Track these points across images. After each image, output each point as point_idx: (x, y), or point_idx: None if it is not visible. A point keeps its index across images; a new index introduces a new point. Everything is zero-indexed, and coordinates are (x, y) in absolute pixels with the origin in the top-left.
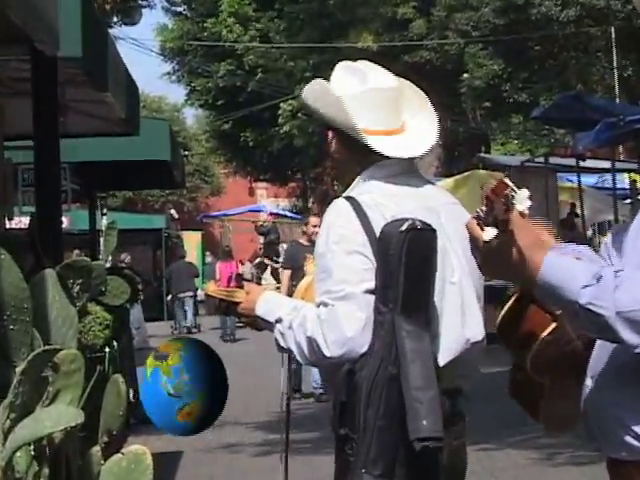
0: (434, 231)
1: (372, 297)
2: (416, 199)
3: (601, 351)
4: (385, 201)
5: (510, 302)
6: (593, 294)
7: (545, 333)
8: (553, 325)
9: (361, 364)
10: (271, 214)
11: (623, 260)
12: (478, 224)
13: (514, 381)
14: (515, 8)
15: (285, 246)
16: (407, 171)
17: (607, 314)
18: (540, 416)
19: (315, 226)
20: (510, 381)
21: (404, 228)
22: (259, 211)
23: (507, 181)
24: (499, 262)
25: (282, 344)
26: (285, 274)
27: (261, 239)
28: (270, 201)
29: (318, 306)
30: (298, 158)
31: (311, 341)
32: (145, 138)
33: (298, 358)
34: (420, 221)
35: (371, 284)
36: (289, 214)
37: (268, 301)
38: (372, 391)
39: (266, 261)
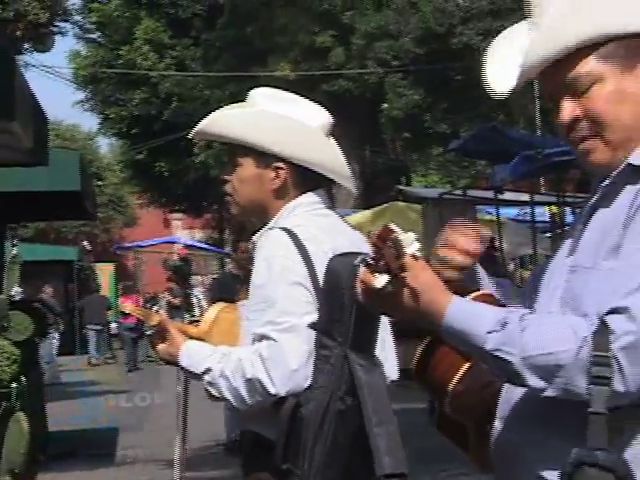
0: None
1: (313, 330)
2: (342, 234)
3: (509, 393)
4: (319, 234)
5: (424, 344)
6: (499, 340)
7: (458, 375)
8: (466, 366)
9: (306, 398)
10: (186, 246)
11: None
12: (370, 272)
13: (440, 415)
14: (435, 37)
15: (200, 278)
16: (329, 204)
17: (513, 360)
18: (469, 454)
19: (244, 252)
20: (437, 415)
21: (357, 262)
22: (174, 243)
23: (392, 226)
24: (397, 308)
25: (215, 393)
26: (214, 307)
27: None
28: (185, 233)
29: (260, 339)
30: (214, 189)
31: (252, 383)
32: (55, 168)
33: (235, 404)
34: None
35: (313, 317)
36: (204, 246)
37: (192, 353)
38: (321, 426)
39: (166, 294)
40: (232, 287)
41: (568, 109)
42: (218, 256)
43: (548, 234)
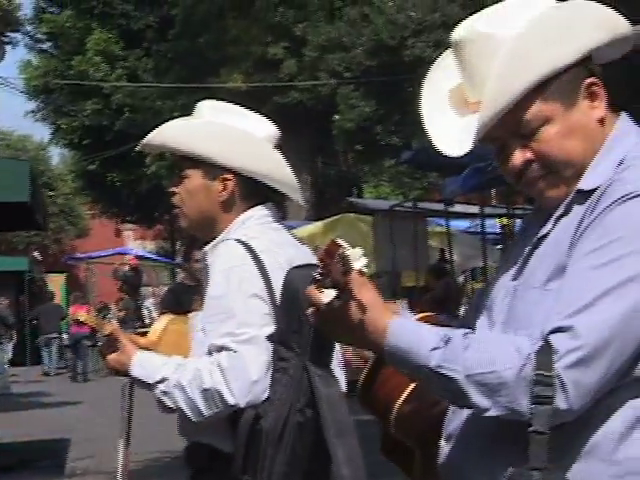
0: None
1: (270, 342)
2: (294, 246)
3: (455, 412)
4: (273, 246)
5: (368, 365)
6: (442, 357)
7: (404, 395)
8: (412, 386)
9: (264, 409)
10: (137, 257)
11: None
12: (317, 287)
13: (385, 438)
14: (387, 49)
15: (151, 289)
16: (278, 218)
17: (457, 377)
18: (414, 477)
19: (197, 262)
20: (381, 438)
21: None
22: (125, 253)
23: (339, 241)
24: (342, 325)
25: (169, 404)
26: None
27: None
28: (137, 243)
29: (219, 350)
30: (165, 200)
31: (210, 393)
32: (3, 179)
33: (190, 415)
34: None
35: (271, 328)
36: (155, 257)
37: (144, 363)
38: (281, 438)
39: (113, 306)
40: (185, 297)
41: (518, 154)
42: (169, 267)
43: (499, 246)
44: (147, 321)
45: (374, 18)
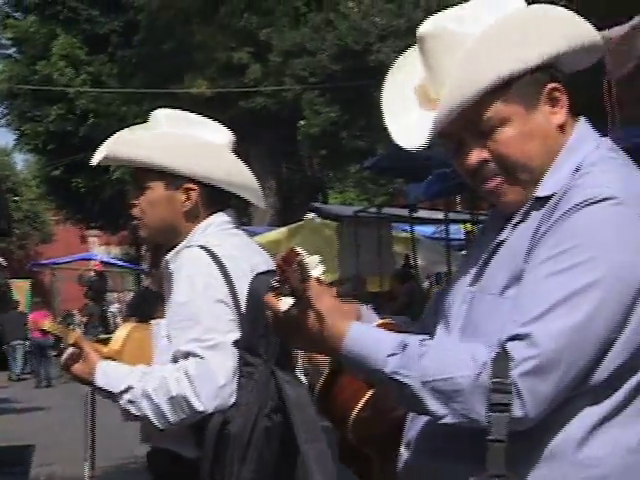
0: None
1: (236, 347)
2: (256, 252)
3: (415, 418)
4: (235, 253)
5: (325, 373)
6: (398, 363)
7: (362, 402)
8: (370, 393)
9: (232, 415)
10: (102, 262)
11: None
12: (275, 295)
13: (343, 445)
14: (352, 54)
15: (116, 295)
16: (238, 224)
17: (412, 383)
18: None
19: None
20: (339, 446)
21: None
22: (90, 259)
23: (297, 249)
24: (300, 332)
25: (134, 412)
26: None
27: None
28: (102, 249)
29: (185, 356)
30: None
31: (177, 400)
32: None
33: (156, 423)
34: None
35: (237, 334)
36: (120, 263)
37: (108, 372)
38: (248, 443)
39: (76, 312)
40: (151, 304)
41: (475, 153)
42: (134, 272)
43: (463, 251)
44: (112, 327)
45: (339, 24)
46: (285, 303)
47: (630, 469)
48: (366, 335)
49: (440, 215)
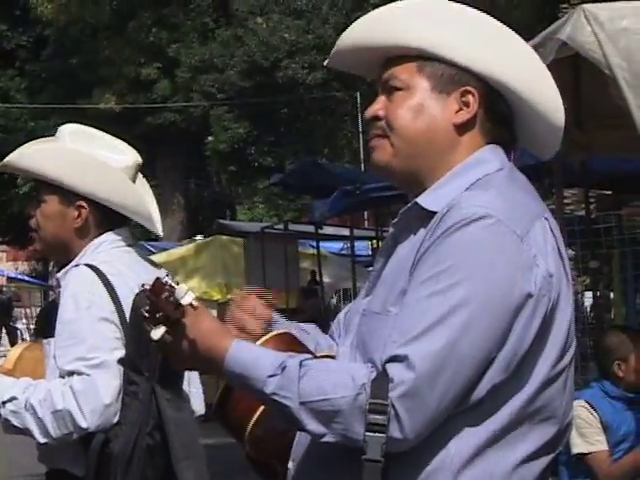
0: None
1: (121, 366)
2: (146, 269)
3: (300, 436)
4: (125, 270)
5: (221, 386)
6: (278, 384)
7: (253, 419)
8: (261, 409)
9: (115, 433)
10: (9, 278)
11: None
12: (147, 324)
13: (249, 457)
14: (261, 70)
15: (23, 310)
16: (131, 242)
17: (291, 405)
18: None
19: None
20: (246, 457)
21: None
22: None
23: (163, 279)
24: (179, 357)
25: (16, 424)
26: (19, 345)
27: None
28: (9, 265)
29: (70, 374)
30: None
31: (61, 414)
32: None
33: (37, 436)
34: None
35: (121, 352)
36: (27, 278)
37: None
38: (130, 461)
39: None
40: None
41: (375, 106)
42: (42, 288)
43: (370, 268)
44: (19, 341)
45: (247, 40)
46: (157, 332)
47: None
48: (247, 355)
49: (346, 232)
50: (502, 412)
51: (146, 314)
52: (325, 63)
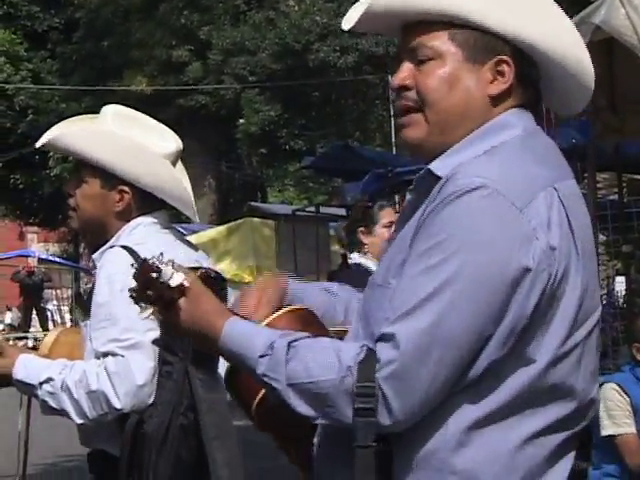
0: (224, 280)
1: (156, 346)
2: (185, 251)
3: None
4: (160, 251)
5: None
6: (267, 365)
7: (259, 396)
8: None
9: (149, 414)
10: (40, 259)
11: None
12: (135, 303)
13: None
14: (292, 53)
15: (54, 292)
16: (168, 224)
17: (278, 387)
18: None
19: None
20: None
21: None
22: (28, 256)
23: (150, 260)
24: (178, 335)
25: (53, 404)
26: (55, 330)
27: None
28: (40, 246)
29: (105, 356)
30: None
31: (96, 395)
32: None
33: (74, 417)
34: (211, 269)
35: (156, 333)
36: (58, 259)
37: (29, 364)
38: (164, 441)
39: (14, 308)
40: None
41: (401, 75)
42: (73, 270)
43: None
44: (50, 324)
45: (279, 22)
46: (144, 314)
47: (508, 475)
48: (242, 333)
49: None
50: (503, 390)
51: (133, 294)
52: (343, 26)
